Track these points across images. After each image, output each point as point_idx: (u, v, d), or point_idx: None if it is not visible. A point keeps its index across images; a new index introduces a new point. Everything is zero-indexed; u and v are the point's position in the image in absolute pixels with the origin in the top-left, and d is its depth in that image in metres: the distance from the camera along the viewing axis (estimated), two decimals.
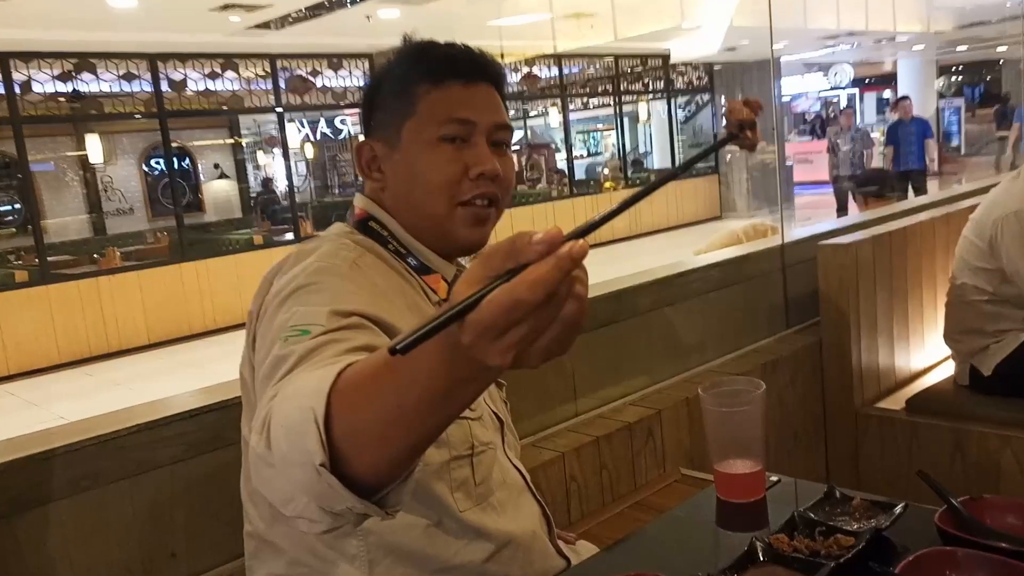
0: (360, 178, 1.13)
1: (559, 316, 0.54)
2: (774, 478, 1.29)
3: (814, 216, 10.63)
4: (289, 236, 10.53)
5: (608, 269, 2.26)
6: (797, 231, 2.83)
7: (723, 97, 14.86)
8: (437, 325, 0.53)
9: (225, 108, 9.95)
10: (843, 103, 18.82)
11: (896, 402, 2.44)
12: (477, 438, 1.06)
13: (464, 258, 1.13)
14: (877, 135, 12.63)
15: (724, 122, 0.76)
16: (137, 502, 1.27)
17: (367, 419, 0.63)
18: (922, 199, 4.15)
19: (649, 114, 15.33)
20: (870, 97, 20.41)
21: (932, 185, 10.98)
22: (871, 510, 1.13)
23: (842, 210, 9.84)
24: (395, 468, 0.66)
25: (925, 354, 2.67)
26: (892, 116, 14.25)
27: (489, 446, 1.09)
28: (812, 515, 1.10)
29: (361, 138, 1.13)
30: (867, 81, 20.03)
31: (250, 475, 0.73)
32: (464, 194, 1.04)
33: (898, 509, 1.11)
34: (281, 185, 13.95)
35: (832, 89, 18.36)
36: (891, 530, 1.07)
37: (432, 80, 1.05)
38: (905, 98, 11.10)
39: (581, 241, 0.54)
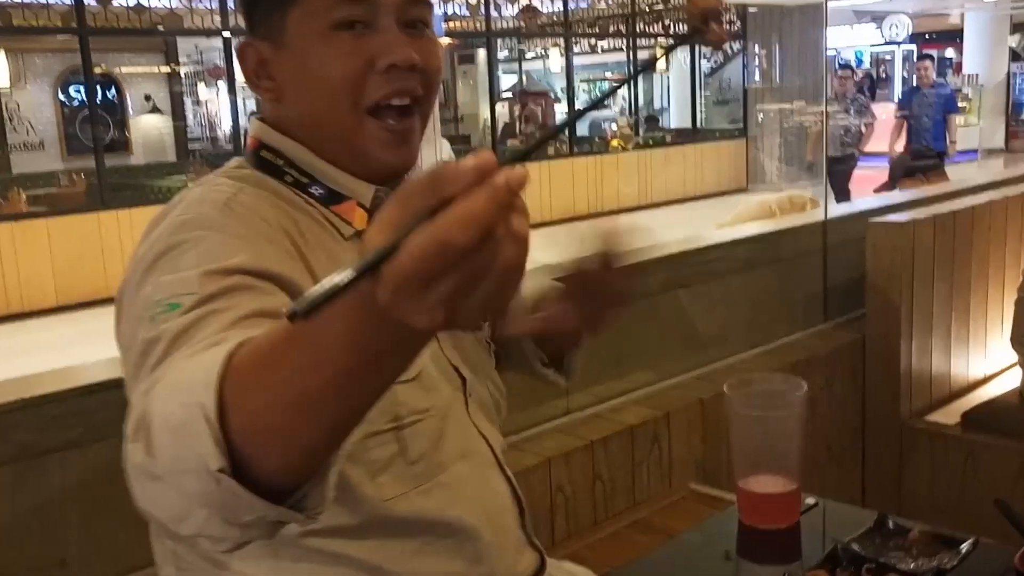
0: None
1: (496, 261, 0.52)
2: (810, 500, 1.27)
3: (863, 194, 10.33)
4: None
5: None
6: (842, 206, 2.82)
7: (756, 47, 14.82)
8: (345, 282, 0.51)
9: (160, 28, 9.82)
10: (898, 60, 18.81)
11: (950, 415, 2.44)
12: (406, 406, 1.00)
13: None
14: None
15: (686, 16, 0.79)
16: (18, 496, 1.24)
17: (268, 410, 0.62)
18: (992, 175, 4.15)
19: (668, 63, 15.30)
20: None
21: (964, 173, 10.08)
22: (932, 545, 1.12)
23: (840, 195, 8.72)
24: (311, 462, 0.65)
25: (987, 360, 2.68)
26: (954, 80, 14.11)
27: (429, 413, 1.03)
28: (858, 548, 1.09)
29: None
30: (928, 37, 20.09)
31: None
32: (373, 94, 0.97)
33: (966, 546, 1.09)
34: (226, 125, 13.82)
35: (886, 44, 18.39)
36: (957, 571, 1.05)
37: None
38: (925, 57, 10.29)
39: (519, 167, 0.52)
